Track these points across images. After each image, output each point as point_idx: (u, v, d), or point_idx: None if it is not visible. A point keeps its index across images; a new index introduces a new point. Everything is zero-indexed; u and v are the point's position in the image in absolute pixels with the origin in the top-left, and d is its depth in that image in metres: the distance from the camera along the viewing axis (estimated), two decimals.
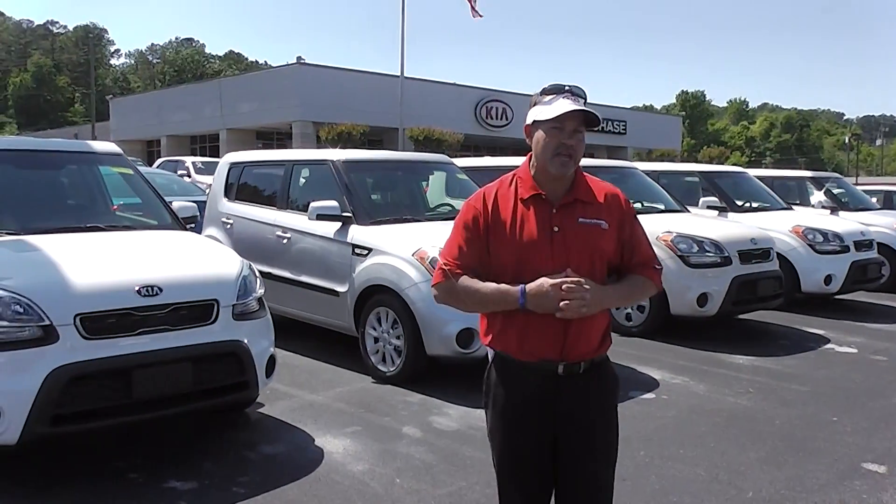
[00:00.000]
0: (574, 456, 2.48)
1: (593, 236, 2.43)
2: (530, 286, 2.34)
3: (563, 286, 2.30)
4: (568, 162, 2.40)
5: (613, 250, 2.49)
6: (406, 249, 5.94)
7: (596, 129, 2.47)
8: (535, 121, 2.45)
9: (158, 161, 23.91)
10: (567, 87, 2.43)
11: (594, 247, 2.43)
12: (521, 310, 2.38)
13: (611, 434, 2.55)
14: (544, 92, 2.45)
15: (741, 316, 8.71)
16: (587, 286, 2.32)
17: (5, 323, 3.77)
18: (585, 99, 2.44)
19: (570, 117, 2.37)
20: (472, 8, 26.63)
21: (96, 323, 3.93)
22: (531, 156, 2.51)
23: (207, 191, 10.34)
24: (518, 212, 2.45)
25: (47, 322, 3.81)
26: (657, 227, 8.06)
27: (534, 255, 2.40)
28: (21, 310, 3.80)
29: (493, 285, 2.42)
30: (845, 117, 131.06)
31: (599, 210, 2.47)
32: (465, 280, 2.46)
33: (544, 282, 2.32)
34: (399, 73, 27.37)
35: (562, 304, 2.29)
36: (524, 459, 2.51)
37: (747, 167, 18.43)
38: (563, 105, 2.37)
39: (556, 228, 2.41)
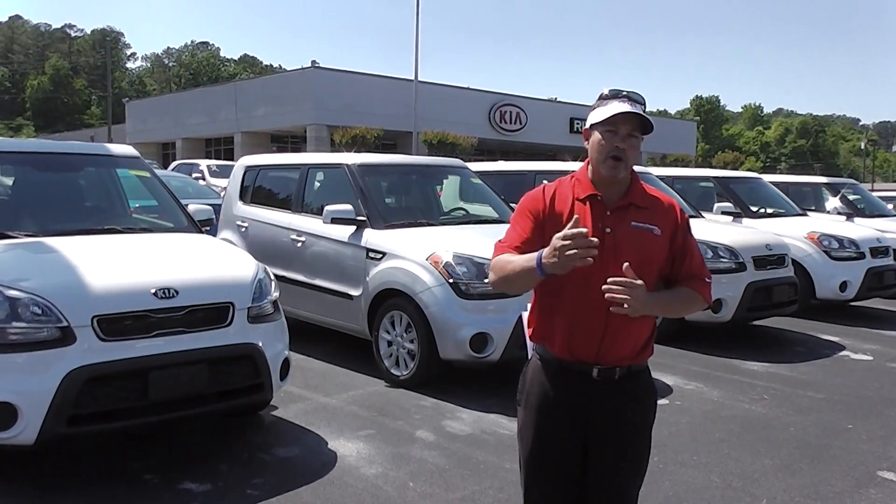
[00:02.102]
0: (601, 465, 2.49)
1: (645, 241, 2.42)
2: (545, 251, 2.24)
3: (608, 281, 2.24)
4: (618, 165, 2.40)
5: (664, 259, 2.47)
6: (420, 253, 5.96)
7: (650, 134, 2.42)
8: (591, 124, 2.44)
9: (173, 164, 24.03)
10: (625, 93, 2.43)
11: (644, 251, 2.41)
12: (562, 301, 2.40)
13: (642, 448, 2.54)
14: (602, 97, 2.45)
15: (756, 322, 8.67)
16: (638, 283, 2.26)
17: (24, 324, 3.81)
18: (644, 105, 2.43)
19: (624, 121, 2.37)
20: None
21: (113, 325, 3.96)
22: (588, 160, 2.51)
23: (222, 194, 10.39)
24: (573, 210, 2.44)
25: (65, 323, 3.84)
26: None
27: None
28: (39, 311, 3.84)
29: (522, 256, 2.37)
30: (861, 123, 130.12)
31: (654, 216, 2.46)
32: (504, 254, 2.44)
33: (553, 240, 2.21)
34: (413, 77, 27.43)
35: (607, 295, 2.25)
36: (551, 461, 2.51)
37: (762, 173, 18.35)
38: (617, 107, 2.37)
39: (608, 230, 2.39)
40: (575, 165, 9.17)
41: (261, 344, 4.47)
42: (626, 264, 2.27)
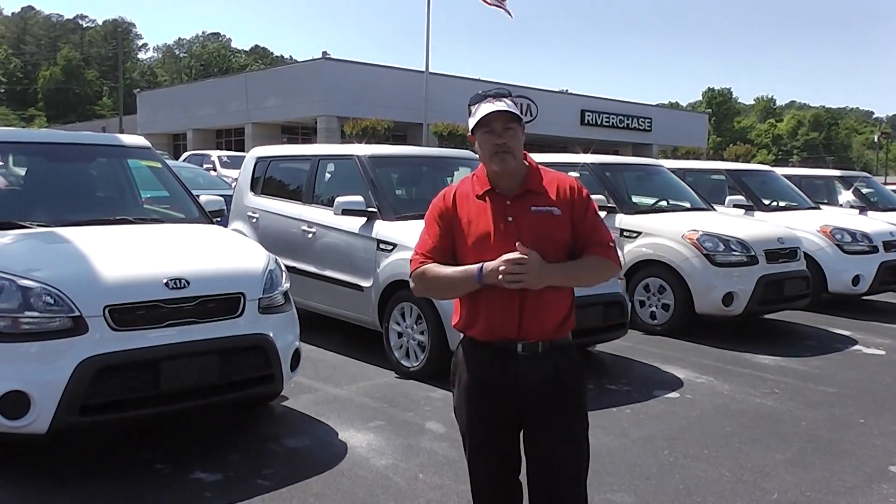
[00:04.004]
0: (534, 438, 2.64)
1: (546, 223, 2.58)
2: (487, 263, 2.50)
3: (504, 259, 2.44)
4: (506, 157, 2.57)
5: (568, 236, 2.61)
6: None
7: (529, 121, 2.54)
8: (471, 129, 2.63)
9: (184, 154, 24.07)
10: (491, 92, 2.62)
11: (547, 234, 2.57)
12: (480, 288, 2.54)
13: (574, 419, 2.65)
14: (471, 102, 2.64)
15: (767, 316, 8.63)
16: (527, 258, 2.42)
17: (36, 314, 3.83)
18: (509, 95, 2.62)
19: (496, 118, 2.56)
20: (504, 8, 26.32)
21: (125, 315, 3.97)
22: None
23: (233, 184, 10.40)
24: (475, 207, 2.65)
25: (77, 313, 3.86)
26: (683, 225, 8.01)
27: (489, 245, 2.56)
28: (51, 301, 3.86)
29: (457, 268, 2.60)
30: (874, 116, 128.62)
31: (551, 199, 2.61)
32: (434, 267, 2.65)
33: (501, 261, 2.46)
34: (424, 69, 27.34)
35: (499, 276, 2.43)
36: (484, 435, 2.69)
37: (774, 166, 18.25)
38: (484, 108, 2.57)
39: (509, 218, 2.58)
40: (585, 157, 9.16)
41: (271, 335, 4.48)
42: (517, 243, 2.46)
